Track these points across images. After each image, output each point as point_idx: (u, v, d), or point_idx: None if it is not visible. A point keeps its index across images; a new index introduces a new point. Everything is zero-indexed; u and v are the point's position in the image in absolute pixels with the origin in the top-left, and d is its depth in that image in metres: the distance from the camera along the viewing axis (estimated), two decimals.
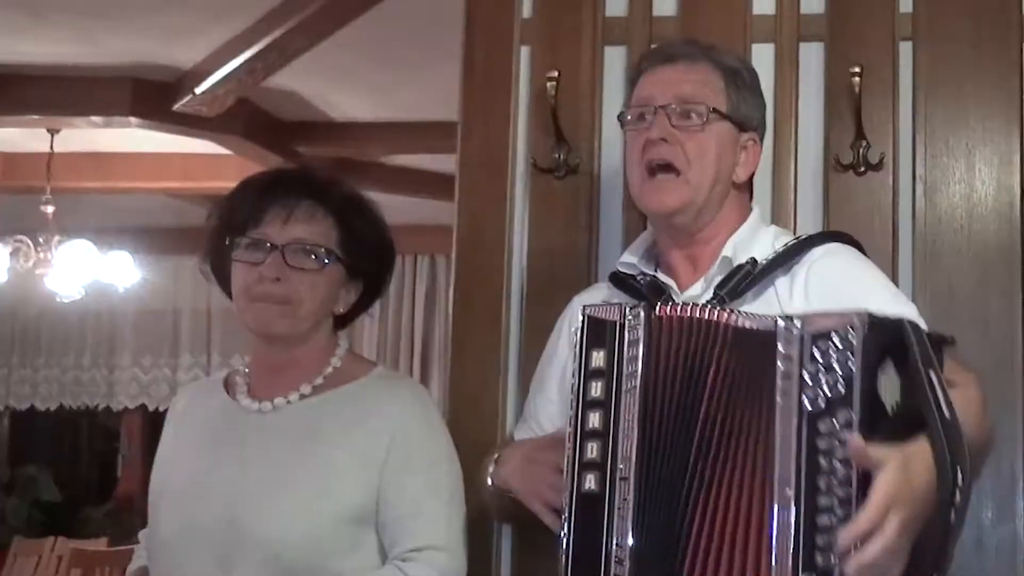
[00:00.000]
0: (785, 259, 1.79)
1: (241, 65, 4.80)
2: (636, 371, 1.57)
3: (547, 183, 2.29)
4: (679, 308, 1.60)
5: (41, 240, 5.87)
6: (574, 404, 1.60)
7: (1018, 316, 2.14)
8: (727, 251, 1.81)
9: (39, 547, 6.66)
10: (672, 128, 1.80)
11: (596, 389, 1.58)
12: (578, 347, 1.62)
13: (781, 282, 1.78)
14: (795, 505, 1.44)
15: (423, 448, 1.86)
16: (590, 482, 1.56)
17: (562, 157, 2.27)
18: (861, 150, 2.19)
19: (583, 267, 2.24)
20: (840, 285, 1.74)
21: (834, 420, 1.43)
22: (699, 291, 1.80)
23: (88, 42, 4.86)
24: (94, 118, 5.43)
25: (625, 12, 2.34)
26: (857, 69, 2.13)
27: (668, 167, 1.80)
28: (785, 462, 1.46)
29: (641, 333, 1.58)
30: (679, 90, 1.82)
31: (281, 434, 1.86)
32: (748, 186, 1.91)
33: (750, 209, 1.90)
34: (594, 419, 1.57)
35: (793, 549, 1.43)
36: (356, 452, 1.83)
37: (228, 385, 1.97)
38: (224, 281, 1.95)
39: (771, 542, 1.45)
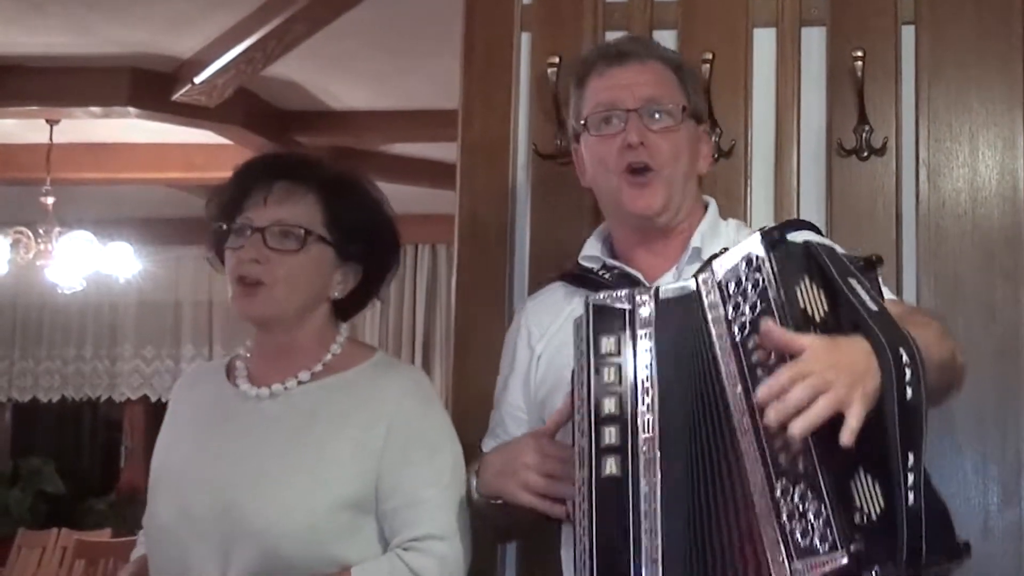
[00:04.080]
0: None
1: (240, 54, 4.79)
2: (650, 350, 1.59)
3: (549, 169, 2.28)
4: (677, 288, 1.62)
5: (41, 231, 5.86)
6: (585, 392, 1.60)
7: (1023, 300, 2.14)
8: (696, 242, 1.84)
9: (43, 539, 6.66)
10: (647, 131, 1.82)
11: (610, 374, 1.59)
12: (584, 336, 1.62)
13: None
14: (751, 432, 1.45)
15: (421, 435, 1.85)
16: (611, 466, 1.56)
17: (564, 143, 2.26)
18: (864, 135, 2.18)
19: None
20: None
21: (759, 332, 1.45)
22: (670, 280, 1.80)
23: (86, 32, 4.85)
24: (93, 109, 5.42)
25: None
26: (859, 53, 2.13)
27: (646, 169, 1.82)
28: (735, 397, 1.48)
29: (652, 315, 1.60)
30: (644, 91, 1.84)
31: (278, 421, 1.86)
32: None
33: (704, 200, 1.94)
34: (610, 404, 1.58)
35: (763, 472, 1.43)
36: (353, 440, 1.82)
37: (230, 370, 1.97)
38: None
39: (747, 477, 1.45)
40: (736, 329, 1.50)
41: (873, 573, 1.38)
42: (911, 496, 1.39)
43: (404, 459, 1.82)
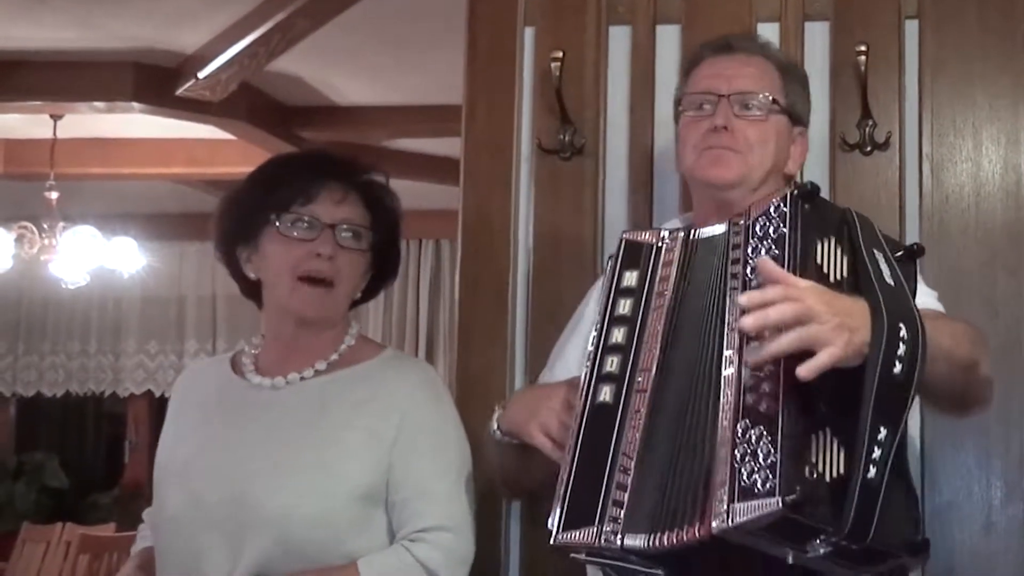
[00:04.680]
0: None
1: (244, 49, 4.79)
2: (666, 289, 1.61)
3: (552, 164, 2.28)
4: (711, 231, 1.64)
5: (45, 226, 5.86)
6: (600, 322, 1.63)
7: None
8: None
9: (47, 533, 6.66)
10: (735, 117, 1.83)
11: (624, 306, 1.63)
12: (611, 269, 1.66)
13: None
14: (735, 367, 1.46)
15: (431, 428, 1.86)
16: (605, 394, 1.59)
17: (567, 138, 2.26)
18: (867, 129, 2.18)
19: (588, 248, 2.24)
20: None
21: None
22: None
23: (90, 27, 4.85)
24: (97, 103, 5.42)
25: None
26: (863, 48, 2.12)
27: (728, 150, 1.83)
28: (729, 331, 1.50)
29: (676, 254, 1.64)
30: (741, 82, 1.86)
31: (289, 411, 1.87)
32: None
33: None
34: (618, 334, 1.62)
35: (733, 408, 1.44)
36: (365, 431, 1.83)
37: (235, 364, 1.98)
38: (234, 265, 1.95)
39: (718, 410, 1.46)
40: (748, 270, 1.51)
41: (818, 540, 1.37)
42: (872, 469, 1.37)
43: (415, 450, 1.83)
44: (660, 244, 1.66)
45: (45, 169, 5.88)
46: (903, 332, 1.40)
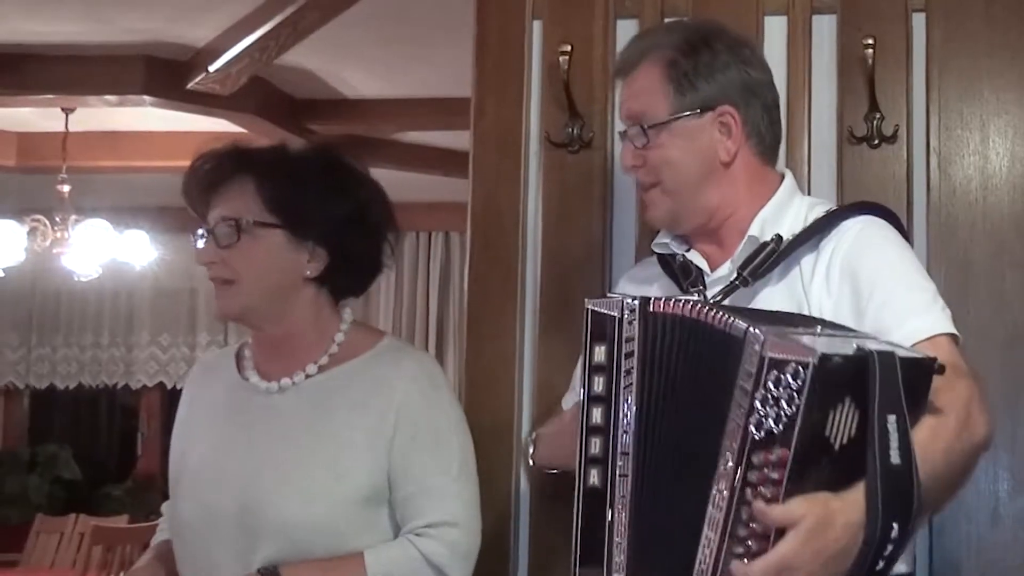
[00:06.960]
0: (812, 234, 1.75)
1: (254, 43, 4.80)
2: (632, 368, 1.55)
3: (561, 158, 2.29)
4: (673, 304, 1.55)
5: (58, 219, 5.89)
6: (581, 398, 1.60)
7: None
8: (754, 230, 1.77)
9: (61, 524, 6.71)
10: (636, 151, 1.81)
11: (598, 384, 1.58)
12: (584, 341, 1.61)
13: (807, 260, 1.74)
14: (721, 528, 1.41)
15: (429, 422, 1.86)
16: (594, 477, 1.57)
17: (575, 131, 2.27)
18: (875, 122, 2.18)
19: (597, 241, 2.24)
20: (861, 266, 1.69)
21: (768, 456, 1.37)
22: (726, 272, 1.78)
23: (101, 20, 4.87)
24: (108, 97, 5.44)
25: None
26: (870, 41, 2.12)
27: (651, 185, 1.82)
28: (720, 484, 1.42)
29: (636, 330, 1.55)
30: (627, 111, 1.84)
31: (291, 415, 1.87)
32: (771, 155, 1.85)
33: (779, 178, 1.85)
34: (596, 415, 1.58)
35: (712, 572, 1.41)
36: (365, 431, 1.84)
37: (239, 359, 1.98)
38: None
39: (696, 561, 1.42)
40: (752, 425, 1.39)
41: None
42: None
43: (413, 447, 1.84)
44: (621, 316, 1.57)
45: (57, 162, 5.90)
46: (894, 532, 1.38)
